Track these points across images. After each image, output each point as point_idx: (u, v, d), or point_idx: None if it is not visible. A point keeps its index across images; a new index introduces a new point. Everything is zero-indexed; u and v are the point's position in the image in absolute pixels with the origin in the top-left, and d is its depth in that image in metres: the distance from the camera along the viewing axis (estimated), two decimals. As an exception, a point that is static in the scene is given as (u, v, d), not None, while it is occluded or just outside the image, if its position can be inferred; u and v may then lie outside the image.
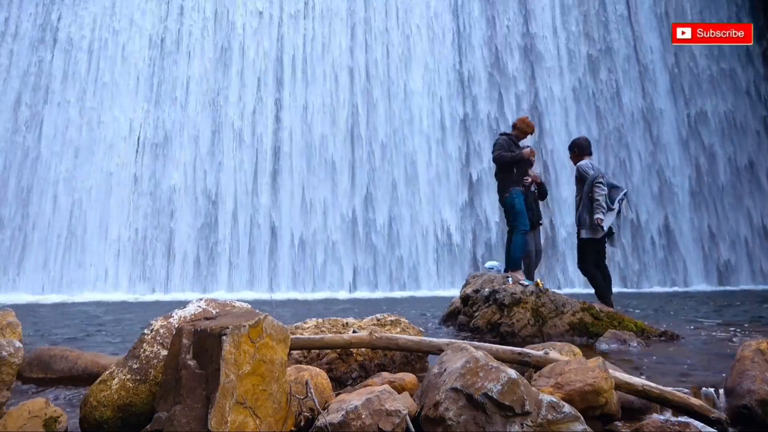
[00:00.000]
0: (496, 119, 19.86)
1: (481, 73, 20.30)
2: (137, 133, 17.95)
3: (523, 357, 3.21)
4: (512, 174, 6.53)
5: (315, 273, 17.53)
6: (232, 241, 17.41)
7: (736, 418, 2.88)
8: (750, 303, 11.13)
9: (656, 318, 7.49)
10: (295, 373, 2.87)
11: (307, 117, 19.00)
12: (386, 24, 20.31)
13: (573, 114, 20.30)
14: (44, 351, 3.95)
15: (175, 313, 3.11)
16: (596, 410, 2.75)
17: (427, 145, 19.30)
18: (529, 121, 6.95)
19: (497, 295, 5.46)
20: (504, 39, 20.64)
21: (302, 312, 8.86)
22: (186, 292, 16.00)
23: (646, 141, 20.47)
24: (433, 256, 18.26)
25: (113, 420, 2.69)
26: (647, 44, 21.38)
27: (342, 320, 3.99)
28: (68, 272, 16.34)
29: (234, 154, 18.27)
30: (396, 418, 2.45)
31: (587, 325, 5.24)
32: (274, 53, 19.49)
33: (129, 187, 17.41)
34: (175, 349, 2.52)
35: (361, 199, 18.43)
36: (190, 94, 18.58)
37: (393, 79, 19.80)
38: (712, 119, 20.94)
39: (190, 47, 19.02)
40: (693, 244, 19.70)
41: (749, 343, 3.17)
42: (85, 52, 18.38)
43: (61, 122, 17.59)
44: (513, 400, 2.39)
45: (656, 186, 20.07)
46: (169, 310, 3.17)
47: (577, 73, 20.74)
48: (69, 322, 8.19)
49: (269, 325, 2.53)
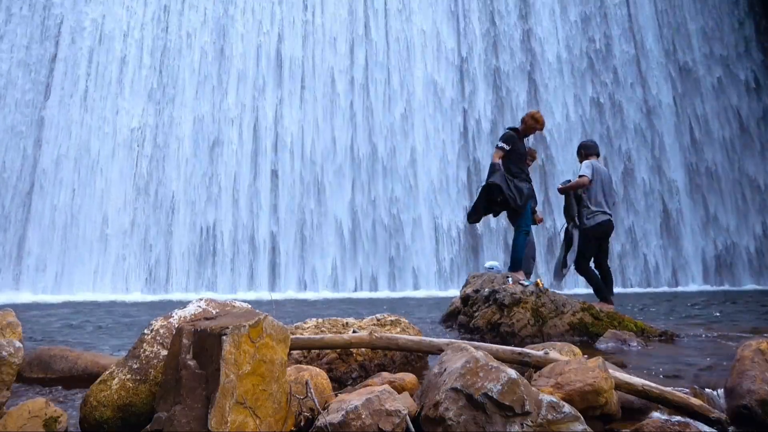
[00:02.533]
0: (496, 118, 19.87)
1: (481, 73, 20.32)
2: (138, 133, 17.95)
3: (523, 357, 3.21)
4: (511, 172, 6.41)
5: (315, 273, 17.52)
6: (232, 241, 17.40)
7: (736, 418, 2.88)
8: (750, 303, 11.13)
9: (656, 318, 7.49)
10: (295, 373, 2.87)
11: (307, 117, 19.00)
12: (387, 26, 20.31)
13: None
14: (44, 351, 3.95)
15: (175, 313, 3.11)
16: (596, 410, 2.75)
17: (427, 145, 19.30)
18: (539, 116, 6.50)
19: (497, 295, 5.46)
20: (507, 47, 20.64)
21: (302, 312, 8.86)
22: (186, 292, 16.00)
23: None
24: (434, 256, 18.27)
25: (113, 420, 2.69)
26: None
27: (342, 320, 3.99)
28: (68, 272, 16.33)
29: (234, 154, 18.27)
30: (396, 418, 2.45)
31: (587, 325, 5.24)
32: (275, 53, 19.48)
33: (129, 187, 17.40)
34: (175, 349, 2.52)
35: (361, 199, 18.43)
36: (191, 94, 18.57)
37: (393, 79, 19.80)
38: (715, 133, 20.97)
39: (190, 47, 19.01)
40: (693, 243, 19.70)
41: (749, 343, 3.17)
42: (87, 52, 18.37)
43: (62, 122, 17.58)
44: (513, 400, 2.39)
45: (656, 186, 20.08)
46: (169, 310, 3.17)
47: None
48: (69, 322, 8.19)
49: (269, 325, 2.53)
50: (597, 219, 6.22)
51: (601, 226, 6.26)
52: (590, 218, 6.22)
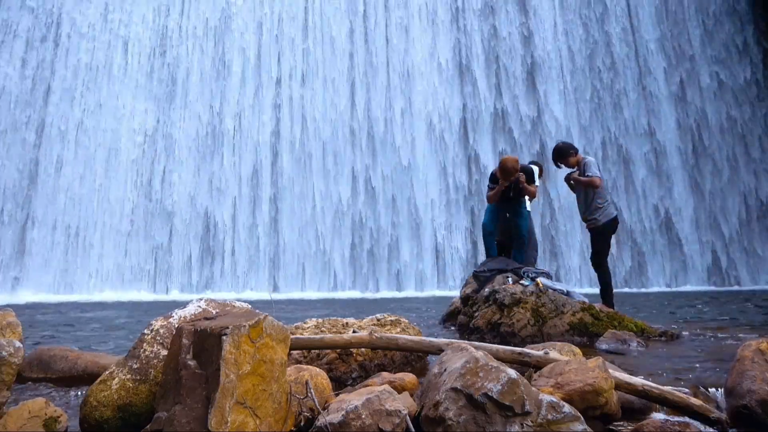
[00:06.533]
0: (495, 117, 19.87)
1: (480, 71, 20.32)
2: (138, 134, 17.94)
3: (523, 357, 3.21)
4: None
5: (315, 273, 17.53)
6: (232, 241, 17.41)
7: (736, 418, 2.87)
8: (750, 303, 11.13)
9: (656, 318, 7.48)
10: (295, 373, 2.87)
11: (307, 117, 19.00)
12: (387, 26, 20.31)
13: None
14: (44, 351, 3.94)
15: (175, 313, 3.11)
16: (596, 410, 2.75)
17: (427, 145, 19.30)
18: (502, 161, 6.28)
19: (497, 295, 5.46)
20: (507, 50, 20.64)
21: (302, 312, 8.86)
22: (186, 293, 15.99)
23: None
24: (434, 256, 18.26)
25: (113, 420, 2.69)
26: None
27: (342, 320, 3.99)
28: (68, 272, 16.33)
29: (234, 154, 18.27)
30: (396, 418, 2.45)
31: (587, 325, 5.24)
32: (274, 54, 19.48)
33: (130, 187, 17.40)
34: (175, 349, 2.52)
35: (362, 199, 18.43)
36: (193, 94, 18.57)
37: (393, 78, 19.80)
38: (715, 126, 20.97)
39: (191, 47, 19.01)
40: (693, 243, 19.70)
41: (749, 343, 3.17)
42: (88, 53, 18.36)
43: (63, 121, 17.58)
44: (513, 400, 2.39)
45: (656, 185, 20.08)
46: (169, 310, 3.17)
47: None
48: (69, 322, 8.19)
49: (269, 325, 2.53)
50: (610, 214, 6.20)
51: (615, 220, 6.26)
52: (603, 214, 6.18)
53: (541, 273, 6.00)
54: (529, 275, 5.84)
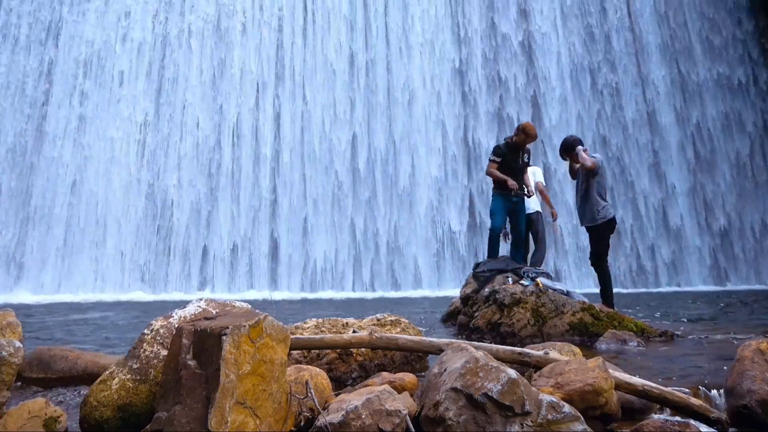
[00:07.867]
0: (496, 116, 19.88)
1: (480, 71, 20.33)
2: (137, 133, 17.94)
3: (523, 357, 3.21)
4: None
5: (315, 273, 17.52)
6: (232, 241, 17.40)
7: (736, 418, 2.88)
8: (750, 303, 11.13)
9: (656, 318, 7.49)
10: (295, 373, 2.87)
11: (307, 117, 19.00)
12: (386, 27, 20.31)
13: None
14: (44, 351, 3.94)
15: (175, 313, 3.11)
16: (596, 410, 2.75)
17: (428, 145, 19.30)
18: (530, 128, 6.46)
19: (497, 295, 5.46)
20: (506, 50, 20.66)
21: (302, 312, 8.86)
22: (186, 293, 15.99)
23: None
24: (434, 256, 18.26)
25: (113, 420, 2.69)
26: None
27: (342, 320, 3.99)
28: (68, 272, 16.33)
29: (234, 154, 18.27)
30: (396, 418, 2.45)
31: (587, 325, 5.24)
32: (275, 54, 19.48)
33: (128, 187, 17.40)
34: (175, 349, 2.52)
35: (361, 199, 18.43)
36: (192, 93, 18.56)
37: (393, 78, 19.80)
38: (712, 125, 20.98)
39: (191, 47, 19.00)
40: (693, 243, 19.70)
41: (749, 343, 3.17)
42: (87, 53, 18.36)
43: (62, 121, 17.58)
44: (513, 400, 2.39)
45: (657, 186, 20.07)
46: (169, 310, 3.17)
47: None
48: (68, 322, 8.19)
49: (269, 325, 2.53)
50: (608, 214, 6.19)
51: (613, 221, 6.25)
52: (603, 213, 6.16)
53: (541, 273, 6.01)
54: (529, 275, 5.85)
